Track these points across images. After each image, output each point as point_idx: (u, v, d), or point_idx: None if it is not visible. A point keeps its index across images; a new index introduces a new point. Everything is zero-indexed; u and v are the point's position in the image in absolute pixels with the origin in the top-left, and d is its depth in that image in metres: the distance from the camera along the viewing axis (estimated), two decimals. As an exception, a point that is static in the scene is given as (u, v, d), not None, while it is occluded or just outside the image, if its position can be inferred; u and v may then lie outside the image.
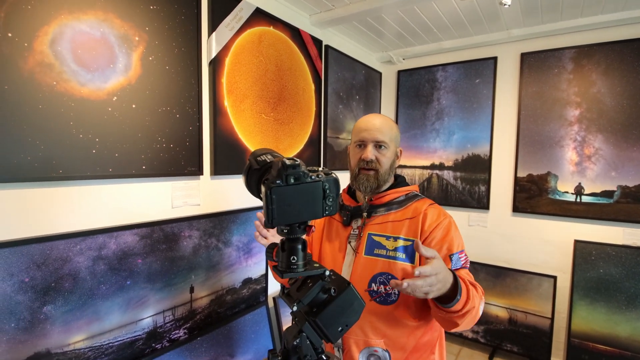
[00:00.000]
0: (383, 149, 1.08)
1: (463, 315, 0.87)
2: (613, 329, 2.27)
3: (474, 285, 0.96)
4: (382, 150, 1.08)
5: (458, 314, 0.87)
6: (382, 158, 1.08)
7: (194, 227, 1.61)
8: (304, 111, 2.28)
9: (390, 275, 1.02)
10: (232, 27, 1.73)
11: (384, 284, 1.02)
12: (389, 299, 1.02)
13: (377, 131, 1.07)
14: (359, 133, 1.10)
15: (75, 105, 1.20)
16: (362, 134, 1.09)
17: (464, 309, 0.86)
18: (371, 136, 1.08)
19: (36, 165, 1.12)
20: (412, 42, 2.87)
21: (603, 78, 2.37)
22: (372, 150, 1.07)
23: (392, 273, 1.02)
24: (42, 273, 1.14)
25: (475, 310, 0.91)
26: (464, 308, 0.86)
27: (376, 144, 1.08)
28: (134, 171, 1.37)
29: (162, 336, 1.50)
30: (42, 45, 1.13)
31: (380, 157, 1.08)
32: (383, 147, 1.08)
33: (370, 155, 1.07)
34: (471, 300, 0.88)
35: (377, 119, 1.11)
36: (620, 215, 2.34)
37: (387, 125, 1.10)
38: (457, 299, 0.84)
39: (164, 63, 1.45)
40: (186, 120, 1.55)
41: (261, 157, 0.62)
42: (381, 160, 1.08)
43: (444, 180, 3.03)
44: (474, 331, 2.75)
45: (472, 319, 0.92)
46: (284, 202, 0.52)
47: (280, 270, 0.59)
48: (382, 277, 1.03)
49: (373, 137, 1.07)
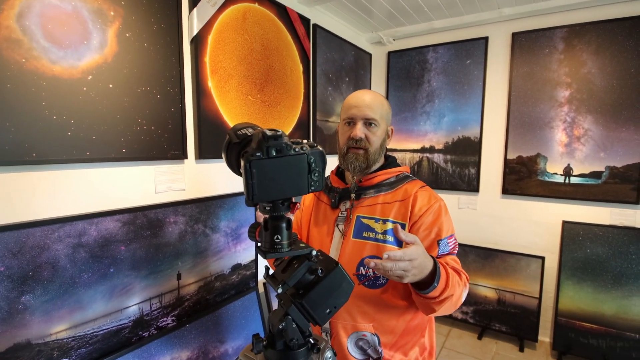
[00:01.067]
0: (373, 127, 1.04)
1: (441, 302, 0.87)
2: (599, 307, 2.31)
3: (458, 272, 0.95)
4: (372, 128, 1.04)
5: (435, 301, 0.86)
6: (372, 136, 1.03)
7: (179, 213, 1.56)
8: (292, 93, 2.22)
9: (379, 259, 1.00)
10: (214, 3, 1.65)
11: None
12: (378, 282, 0.99)
13: (366, 107, 1.02)
14: (348, 110, 1.05)
15: (47, 84, 1.13)
16: (351, 110, 1.04)
17: (442, 296, 0.85)
18: (361, 113, 1.02)
19: (7, 148, 1.06)
20: (402, 22, 2.80)
21: (594, 58, 2.35)
22: (362, 128, 1.03)
23: (380, 256, 0.99)
24: (19, 262, 1.09)
25: (455, 298, 0.90)
26: (442, 295, 0.85)
27: (366, 121, 1.03)
28: (113, 155, 1.31)
29: (149, 324, 1.47)
30: (8, 20, 1.05)
31: (370, 136, 1.03)
32: (373, 125, 1.03)
33: (360, 134, 1.02)
34: (450, 287, 0.86)
35: (367, 95, 1.05)
36: (608, 196, 2.36)
37: (377, 101, 1.05)
38: (434, 286, 0.83)
39: (142, 40, 1.37)
40: (167, 101, 1.48)
41: (241, 130, 0.57)
42: (371, 138, 1.03)
43: (434, 164, 3.02)
44: (463, 312, 2.79)
45: (452, 305, 0.91)
46: (265, 176, 0.48)
47: (263, 251, 0.55)
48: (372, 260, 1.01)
49: (363, 114, 1.02)
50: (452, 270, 0.92)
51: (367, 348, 1.00)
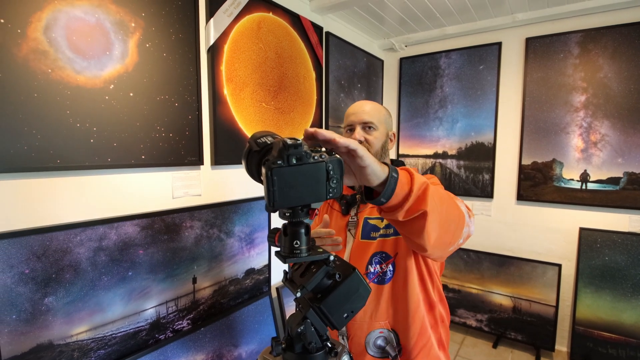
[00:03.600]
0: (372, 130, 1.09)
1: (409, 212, 0.66)
2: (618, 316, 2.25)
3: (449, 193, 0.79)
4: (371, 131, 1.09)
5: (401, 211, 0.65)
6: (371, 139, 1.08)
7: (195, 218, 1.59)
8: (305, 100, 2.24)
9: (384, 253, 1.02)
10: (230, 13, 1.69)
11: (379, 263, 1.03)
12: (385, 277, 1.02)
13: (363, 113, 1.09)
14: (347, 117, 1.12)
15: (71, 93, 1.18)
16: (350, 117, 1.11)
17: (406, 204, 0.64)
18: (358, 118, 1.09)
19: (33, 155, 1.10)
20: (414, 29, 2.81)
21: (610, 62, 2.32)
22: (361, 132, 1.08)
23: (385, 250, 1.02)
24: (43, 264, 1.13)
25: (440, 209, 0.69)
26: (405, 203, 0.64)
27: (364, 125, 1.09)
28: (133, 161, 1.35)
29: (166, 327, 1.49)
30: (35, 32, 1.10)
31: (369, 138, 1.08)
32: (372, 128, 1.09)
33: (359, 137, 1.07)
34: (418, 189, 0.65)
35: (364, 104, 1.12)
36: (627, 202, 2.31)
37: (374, 107, 1.12)
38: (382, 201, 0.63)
39: (161, 50, 1.42)
40: (185, 108, 1.52)
41: (261, 138, 0.59)
42: (370, 140, 1.08)
43: (448, 169, 3.00)
44: (477, 320, 2.75)
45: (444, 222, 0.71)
46: (285, 183, 0.50)
47: (282, 256, 0.57)
48: (377, 257, 1.03)
49: (360, 118, 1.08)
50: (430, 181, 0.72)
51: (385, 345, 1.02)
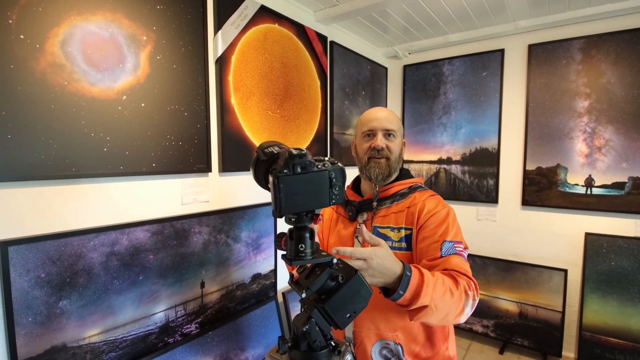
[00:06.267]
0: (392, 137, 1.11)
1: (415, 311, 0.81)
2: (626, 322, 2.24)
3: (454, 278, 0.88)
4: (391, 138, 1.11)
5: (407, 309, 0.81)
6: (393, 146, 1.11)
7: (204, 224, 1.63)
8: (310, 107, 2.29)
9: None
10: (237, 25, 1.74)
11: None
12: None
13: (385, 120, 1.11)
14: (368, 123, 1.13)
15: (86, 104, 1.23)
16: (371, 123, 1.12)
17: (413, 304, 0.79)
18: (381, 125, 1.10)
19: (50, 163, 1.15)
20: (417, 36, 2.86)
21: (613, 68, 2.33)
22: (382, 138, 1.10)
23: None
24: (57, 269, 1.17)
25: (441, 308, 0.82)
26: (413, 304, 0.79)
27: (385, 132, 1.11)
28: (144, 169, 1.40)
29: (175, 330, 1.53)
30: (53, 47, 1.15)
31: (391, 145, 1.10)
32: (392, 136, 1.11)
33: (381, 144, 1.09)
34: (425, 296, 0.78)
35: (383, 111, 1.14)
36: (632, 207, 2.31)
37: (393, 115, 1.14)
38: (400, 294, 0.78)
39: (172, 62, 1.47)
40: (194, 118, 1.57)
41: (268, 148, 0.63)
42: (391, 147, 1.10)
43: (452, 175, 3.02)
44: (483, 325, 2.74)
45: (440, 315, 0.83)
46: (291, 191, 0.53)
47: (288, 258, 0.60)
48: None
49: (382, 125, 1.10)
50: (442, 277, 0.85)
51: (391, 357, 1.03)
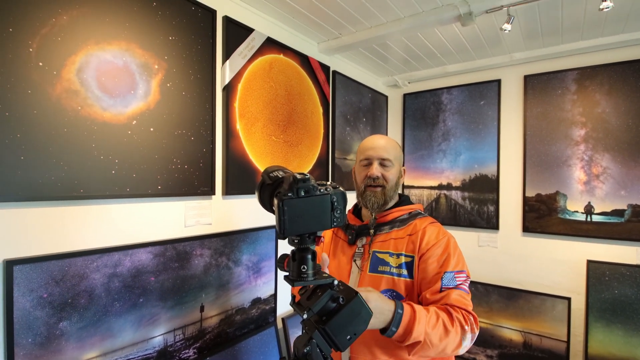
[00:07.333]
0: (388, 166, 1.13)
1: (410, 346, 0.87)
2: (632, 352, 2.19)
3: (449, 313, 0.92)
4: (387, 167, 1.13)
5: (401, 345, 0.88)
6: (388, 174, 1.13)
7: (205, 246, 1.65)
8: (312, 133, 2.35)
9: (395, 292, 1.03)
10: (244, 55, 1.83)
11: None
12: None
13: (381, 149, 1.13)
14: (365, 152, 1.16)
15: (97, 128, 1.28)
16: (367, 152, 1.15)
17: (406, 341, 0.85)
18: (376, 154, 1.13)
19: (59, 185, 1.18)
20: (416, 67, 2.96)
21: (607, 98, 2.40)
22: (378, 167, 1.12)
23: (396, 290, 1.03)
24: (60, 289, 1.18)
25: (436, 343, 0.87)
26: (406, 340, 0.85)
27: (381, 161, 1.13)
28: (149, 191, 1.43)
29: (173, 355, 1.51)
30: (69, 74, 1.21)
31: (386, 174, 1.13)
32: (388, 164, 1.13)
33: (377, 172, 1.11)
34: (418, 332, 0.84)
35: (381, 139, 1.16)
36: (633, 235, 2.31)
37: (390, 144, 1.16)
38: (393, 330, 0.84)
39: (181, 89, 1.54)
40: (200, 142, 1.62)
41: (273, 173, 0.66)
42: (387, 176, 1.12)
43: (452, 201, 3.04)
44: (487, 355, 2.67)
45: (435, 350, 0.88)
46: (295, 213, 0.56)
47: (291, 279, 0.62)
48: (387, 294, 1.03)
49: (378, 155, 1.13)
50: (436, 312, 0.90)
51: None
